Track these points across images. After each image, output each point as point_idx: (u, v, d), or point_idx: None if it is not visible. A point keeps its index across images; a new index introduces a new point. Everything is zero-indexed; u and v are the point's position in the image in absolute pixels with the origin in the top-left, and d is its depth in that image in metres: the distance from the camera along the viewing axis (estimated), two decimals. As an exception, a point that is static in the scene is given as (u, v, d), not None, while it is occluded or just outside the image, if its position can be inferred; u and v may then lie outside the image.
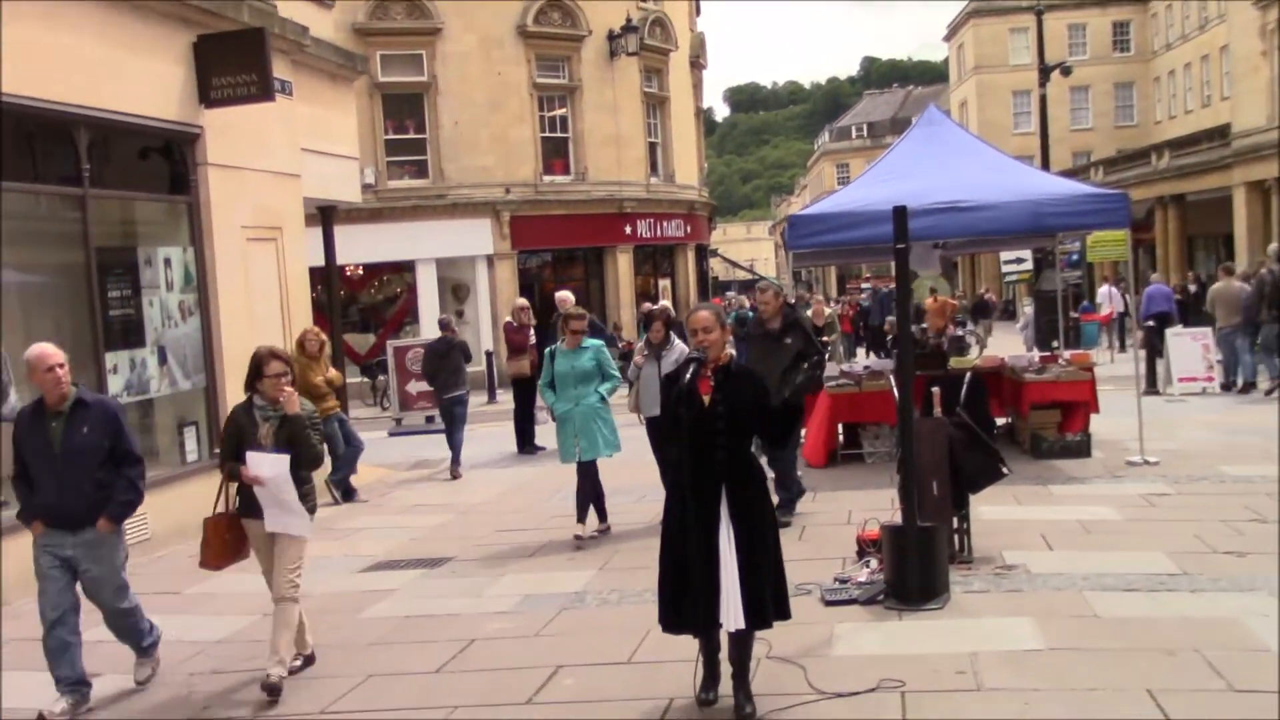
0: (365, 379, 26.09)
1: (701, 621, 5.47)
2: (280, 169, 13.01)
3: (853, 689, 5.82)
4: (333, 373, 13.20)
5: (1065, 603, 7.17)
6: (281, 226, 13.01)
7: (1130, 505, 10.08)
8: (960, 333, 27.44)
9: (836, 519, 10.12)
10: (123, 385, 10.57)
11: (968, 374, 10.19)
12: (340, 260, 26.91)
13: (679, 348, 9.94)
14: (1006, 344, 26.45)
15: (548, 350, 10.36)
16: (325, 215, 15.60)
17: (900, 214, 7.50)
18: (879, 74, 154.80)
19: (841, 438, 13.79)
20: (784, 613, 5.65)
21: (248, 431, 6.72)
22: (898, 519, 7.70)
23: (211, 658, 7.39)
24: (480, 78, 28.06)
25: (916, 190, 12.51)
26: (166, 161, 11.54)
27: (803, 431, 11.94)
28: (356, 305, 28.92)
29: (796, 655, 6.41)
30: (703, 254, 36.29)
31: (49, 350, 6.44)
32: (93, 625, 6.97)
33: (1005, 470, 8.53)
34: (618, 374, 10.27)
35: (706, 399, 5.52)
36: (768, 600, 5.48)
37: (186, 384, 11.52)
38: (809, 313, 17.61)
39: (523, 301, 18.96)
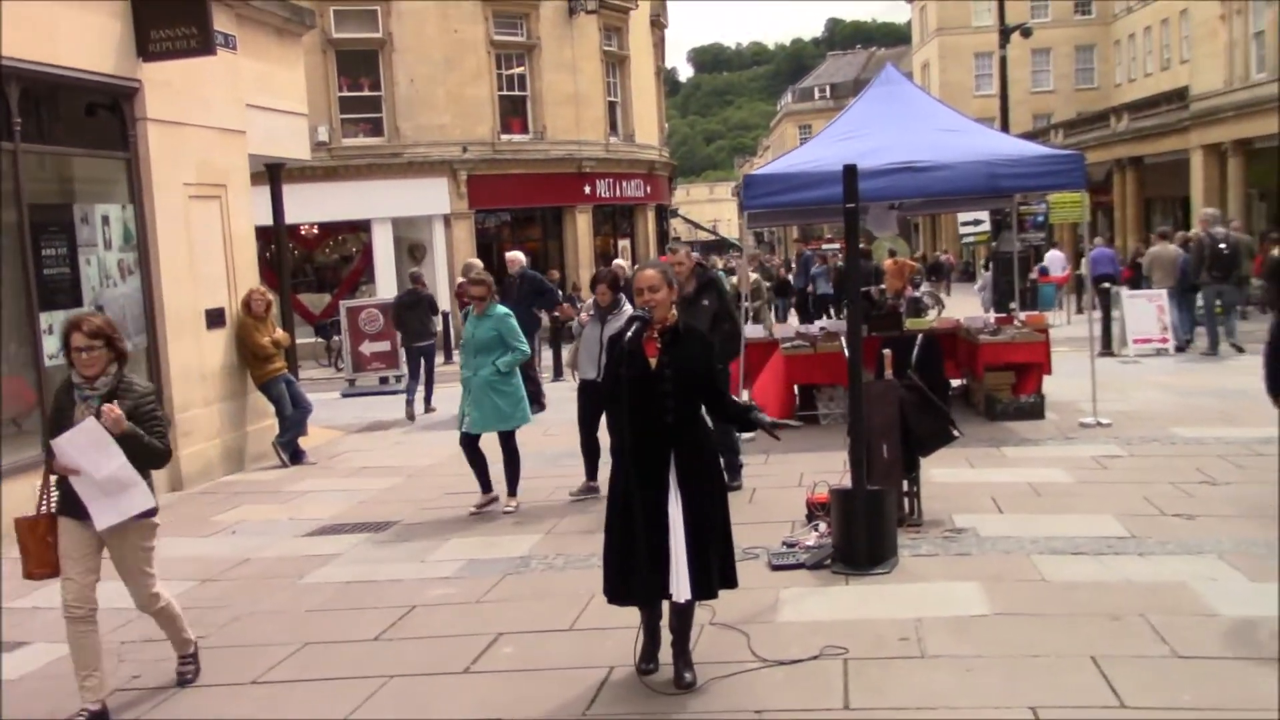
0: (319, 339, 25.77)
1: (649, 594, 5.32)
2: (224, 125, 12.69)
3: (795, 656, 5.72)
4: (279, 333, 12.97)
5: (1013, 566, 7.10)
6: (226, 184, 12.71)
7: (1081, 467, 10.05)
8: (918, 294, 27.49)
9: (788, 481, 10.03)
10: (58, 346, 10.27)
11: (919, 336, 10.05)
12: (294, 219, 26.59)
13: (627, 310, 9.69)
14: (965, 306, 26.49)
15: (463, 311, 10.10)
16: (273, 173, 15.26)
17: (850, 173, 7.35)
18: (843, 35, 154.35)
19: (798, 399, 13.72)
20: (730, 581, 5.52)
21: (66, 414, 5.59)
22: (848, 482, 7.62)
23: (145, 624, 7.16)
24: (437, 35, 27.61)
25: (872, 150, 12.40)
26: (104, 117, 11.19)
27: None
28: (311, 264, 28.57)
29: (740, 621, 6.31)
30: (663, 214, 36.07)
31: None
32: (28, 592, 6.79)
33: (956, 433, 8.47)
34: (523, 346, 9.66)
35: (653, 361, 5.33)
36: (714, 571, 5.34)
37: (127, 345, 11.19)
38: (733, 278, 17.18)
39: (476, 262, 18.89)
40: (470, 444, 9.71)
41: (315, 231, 28.01)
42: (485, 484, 9.79)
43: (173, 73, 11.62)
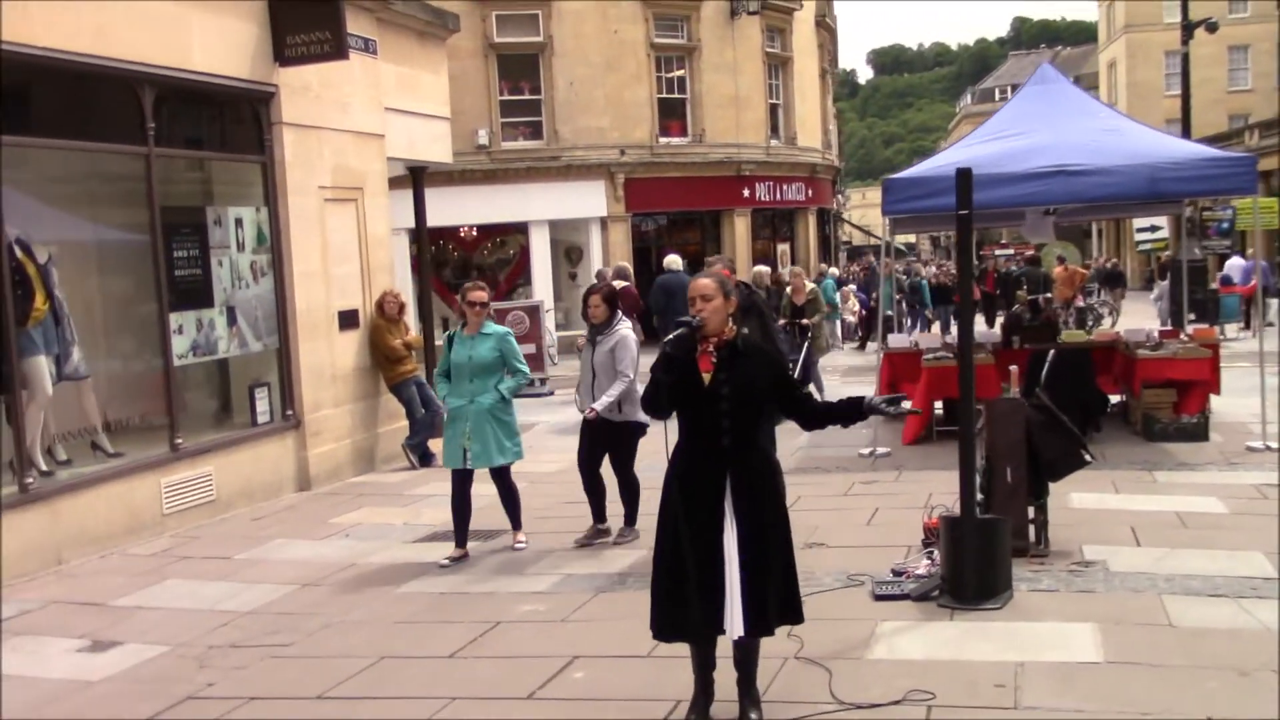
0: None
1: (700, 630, 4.95)
2: (362, 128, 12.80)
3: (876, 700, 5.29)
4: (412, 335, 13.04)
5: (1139, 608, 6.47)
6: (363, 186, 12.82)
7: (1239, 497, 9.24)
8: (1087, 303, 26.24)
9: (916, 502, 9.48)
10: (188, 346, 10.50)
11: (1050, 352, 9.39)
12: (454, 221, 27.21)
13: (620, 331, 8.64)
14: (1141, 317, 25.15)
15: (446, 334, 8.84)
16: (416, 176, 15.37)
17: (964, 177, 6.84)
18: (1029, 34, 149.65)
19: (938, 414, 13.11)
20: (793, 615, 5.09)
21: None
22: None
23: (236, 629, 7.19)
24: (596, 37, 27.60)
25: (1023, 151, 11.77)
26: (240, 121, 11.39)
27: None
28: (471, 267, 28.91)
29: (828, 656, 5.90)
30: (826, 218, 35.36)
31: None
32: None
33: (1089, 458, 7.83)
34: (525, 368, 8.70)
35: (707, 377, 4.95)
36: (771, 605, 4.93)
37: (258, 345, 11.41)
38: (788, 289, 15.77)
39: (625, 265, 19.17)
40: (462, 482, 8.64)
41: (474, 234, 28.33)
42: (515, 518, 8.97)
43: (310, 77, 11.76)
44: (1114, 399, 13.75)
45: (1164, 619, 6.26)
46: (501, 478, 8.75)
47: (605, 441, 8.74)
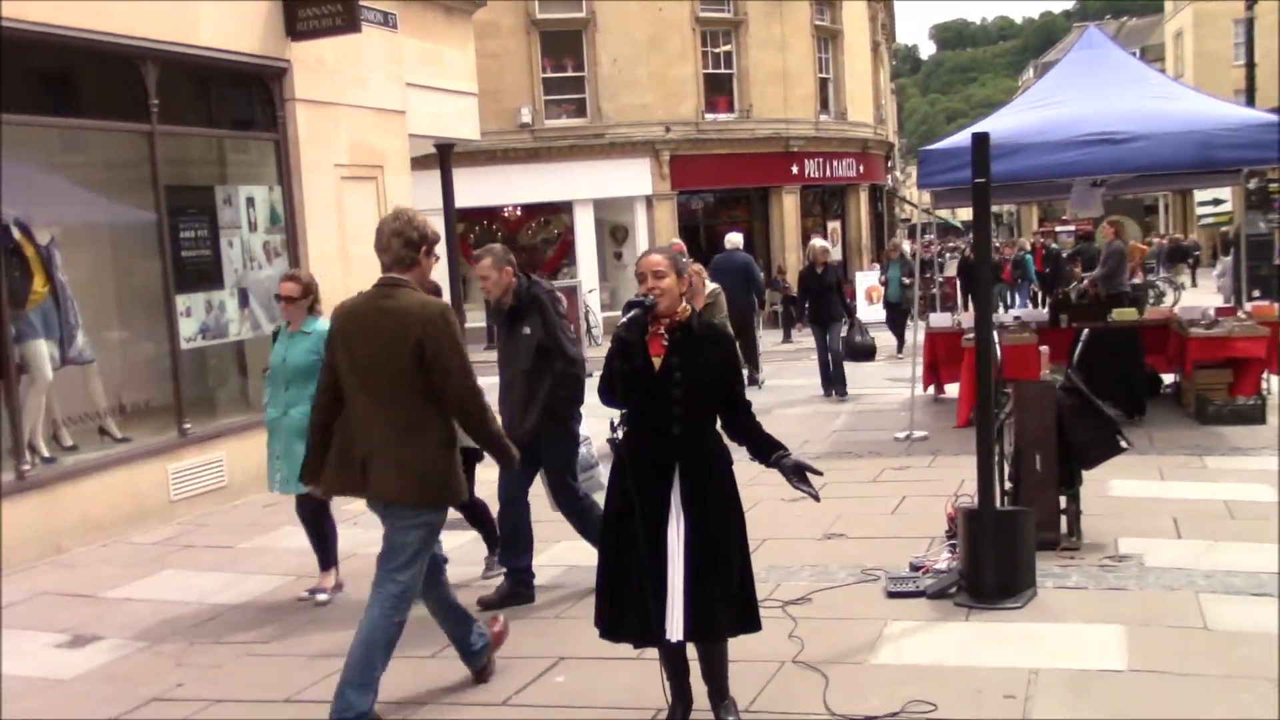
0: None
1: (639, 632, 4.54)
2: (381, 105, 12.48)
3: (872, 711, 4.85)
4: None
5: (1172, 608, 5.96)
6: (382, 165, 12.50)
7: (1293, 484, 8.64)
8: (1147, 280, 25.38)
9: (946, 489, 8.94)
10: (197, 329, 10.25)
11: (1084, 332, 8.84)
12: (498, 201, 26.97)
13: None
14: (1207, 294, 24.32)
15: (273, 329, 7.50)
16: (443, 154, 15.04)
17: (981, 142, 6.35)
18: (1096, 5, 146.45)
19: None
20: (750, 623, 4.64)
21: None
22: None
23: (221, 624, 6.90)
24: (640, 13, 27.14)
25: (1066, 119, 11.20)
26: (251, 98, 11.12)
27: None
28: (515, 246, 28.62)
29: (827, 660, 5.47)
30: (879, 195, 34.65)
31: None
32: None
33: (1124, 444, 7.28)
34: None
35: (657, 361, 4.54)
36: (722, 607, 4.50)
37: (271, 327, 11.13)
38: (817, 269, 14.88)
39: (678, 242, 18.66)
40: (303, 508, 7.13)
41: (518, 213, 28.05)
42: (326, 559, 7.33)
43: (325, 52, 11.45)
44: (1167, 380, 13.13)
45: (1199, 621, 5.75)
46: (318, 509, 7.11)
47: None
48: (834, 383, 14.76)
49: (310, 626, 6.72)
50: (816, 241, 16.37)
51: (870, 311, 22.64)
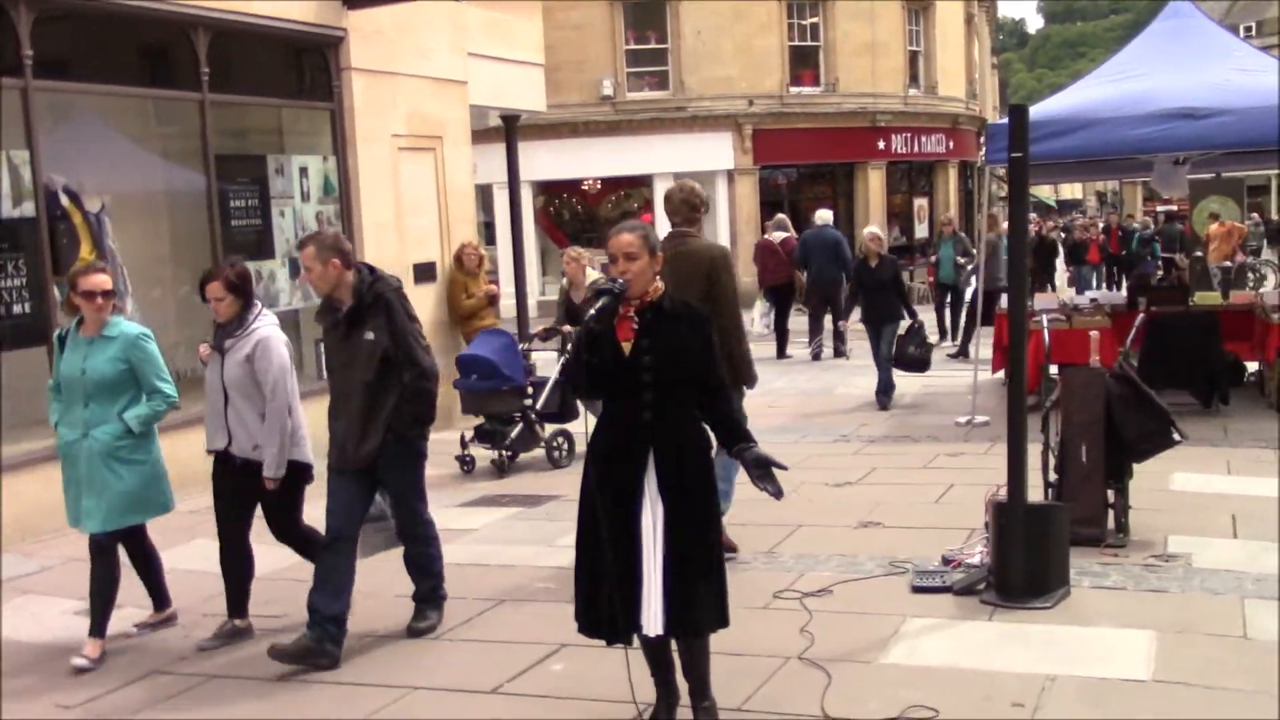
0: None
1: (615, 626, 4.34)
2: (441, 75, 12.35)
3: (870, 714, 4.60)
4: (488, 286, 12.58)
5: (1213, 613, 5.59)
6: (442, 135, 12.39)
7: (1371, 483, 8.13)
8: (1247, 262, 24.38)
9: (998, 478, 8.45)
10: (244, 299, 10.23)
11: (1140, 317, 8.39)
12: (577, 174, 26.84)
13: (259, 331, 6.09)
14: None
15: (57, 334, 6.21)
16: (509, 125, 14.88)
17: (1019, 114, 6.00)
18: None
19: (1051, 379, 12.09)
20: (722, 619, 4.43)
21: None
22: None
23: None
24: (725, -16, 26.71)
25: (1144, 93, 10.67)
26: (306, 66, 11.07)
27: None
28: (596, 220, 28.49)
29: (836, 658, 5.22)
30: (969, 172, 33.82)
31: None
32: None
33: (1178, 436, 6.88)
34: (168, 388, 5.91)
35: (627, 346, 4.32)
36: (700, 602, 4.28)
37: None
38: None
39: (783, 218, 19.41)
40: (101, 549, 5.97)
41: (598, 187, 27.87)
42: (157, 594, 6.50)
43: (384, 20, 11.36)
44: (1251, 368, 12.53)
45: (1238, 629, 5.37)
46: (135, 539, 6.24)
47: (256, 494, 6.19)
48: (880, 391, 12.59)
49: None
50: (868, 230, 13.77)
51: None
